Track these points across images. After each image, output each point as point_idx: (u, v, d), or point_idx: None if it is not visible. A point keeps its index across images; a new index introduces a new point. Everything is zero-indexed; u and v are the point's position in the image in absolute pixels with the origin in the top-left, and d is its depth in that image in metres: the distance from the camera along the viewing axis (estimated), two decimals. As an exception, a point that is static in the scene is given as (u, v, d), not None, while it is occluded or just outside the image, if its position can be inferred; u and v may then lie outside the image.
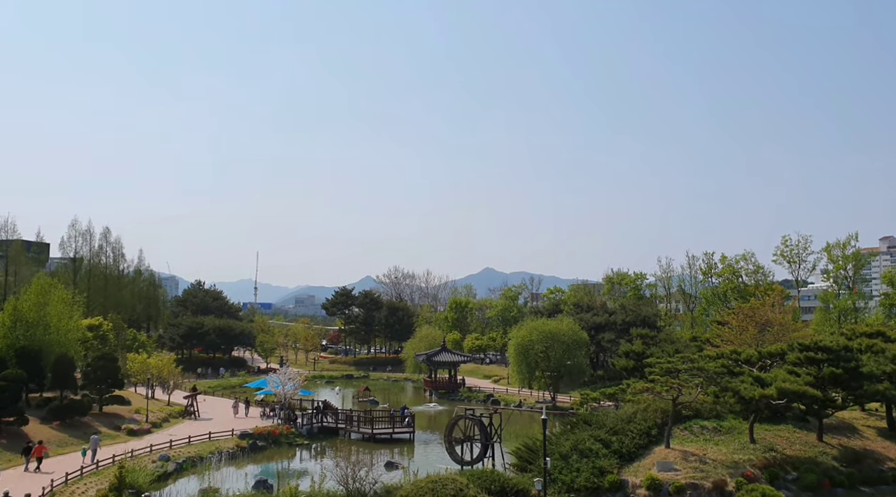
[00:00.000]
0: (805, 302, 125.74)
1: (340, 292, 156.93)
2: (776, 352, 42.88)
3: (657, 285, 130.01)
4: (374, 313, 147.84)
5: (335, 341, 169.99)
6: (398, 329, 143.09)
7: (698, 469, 32.75)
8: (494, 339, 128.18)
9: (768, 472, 33.18)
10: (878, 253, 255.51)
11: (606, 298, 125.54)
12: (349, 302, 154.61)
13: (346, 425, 58.03)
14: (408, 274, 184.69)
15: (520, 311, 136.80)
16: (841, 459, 36.02)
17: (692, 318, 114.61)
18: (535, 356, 79.28)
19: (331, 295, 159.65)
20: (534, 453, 36.62)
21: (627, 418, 39.00)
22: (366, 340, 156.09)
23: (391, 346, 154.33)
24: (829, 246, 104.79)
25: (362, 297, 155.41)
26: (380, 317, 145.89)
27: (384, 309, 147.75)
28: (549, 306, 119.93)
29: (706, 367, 38.52)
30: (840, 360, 38.96)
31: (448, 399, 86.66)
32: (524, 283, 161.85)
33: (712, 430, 38.59)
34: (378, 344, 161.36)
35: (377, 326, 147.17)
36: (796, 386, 36.19)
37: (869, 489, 34.13)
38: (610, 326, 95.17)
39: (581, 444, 36.05)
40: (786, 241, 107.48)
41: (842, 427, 41.24)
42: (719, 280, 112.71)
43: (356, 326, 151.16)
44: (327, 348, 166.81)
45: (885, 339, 44.98)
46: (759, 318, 62.60)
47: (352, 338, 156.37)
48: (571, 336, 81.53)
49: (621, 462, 34.82)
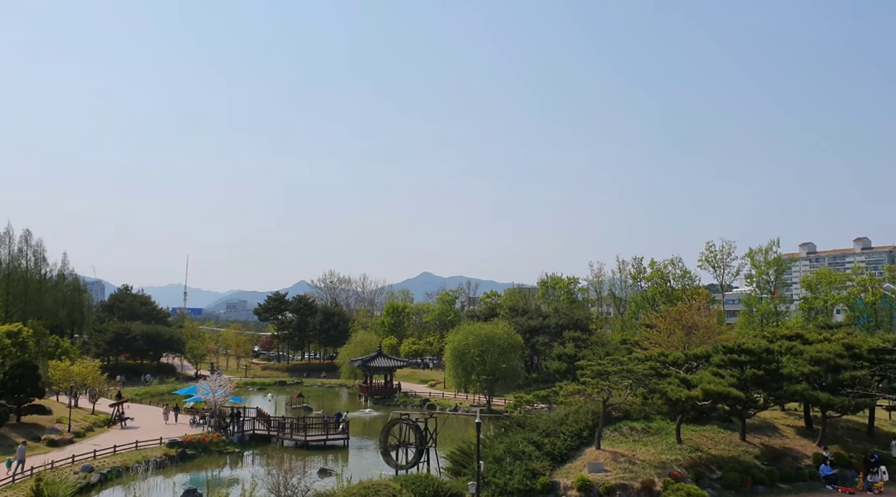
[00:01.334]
0: (729, 305, 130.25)
1: (274, 297, 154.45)
2: (702, 354, 44.21)
3: (589, 289, 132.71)
4: (308, 318, 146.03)
5: (268, 347, 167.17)
6: (333, 334, 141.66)
7: (628, 469, 33.47)
8: (431, 343, 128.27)
9: (694, 472, 34.16)
10: (797, 258, 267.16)
11: (541, 302, 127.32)
12: (282, 307, 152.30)
13: (279, 432, 57.07)
14: (343, 278, 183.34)
15: (457, 316, 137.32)
16: (762, 458, 37.37)
17: (622, 322, 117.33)
18: (472, 360, 79.72)
19: (264, 300, 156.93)
20: (468, 457, 36.79)
21: (560, 420, 39.56)
22: (300, 346, 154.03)
23: (326, 351, 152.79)
24: (751, 252, 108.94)
25: (296, 301, 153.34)
26: (314, 322, 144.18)
27: (319, 314, 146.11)
28: (485, 310, 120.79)
29: (635, 369, 39.45)
30: (762, 362, 40.48)
31: (384, 404, 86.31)
32: (461, 288, 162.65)
33: (641, 431, 39.52)
34: (312, 350, 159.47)
35: (311, 332, 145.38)
36: (720, 387, 37.37)
37: (787, 485, 35.50)
38: (544, 330, 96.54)
39: (514, 446, 36.39)
40: (710, 247, 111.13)
41: (763, 426, 42.81)
42: (648, 284, 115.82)
43: (290, 332, 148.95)
44: (260, 354, 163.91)
45: (803, 342, 46.93)
46: (686, 322, 64.47)
47: (285, 343, 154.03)
48: (507, 340, 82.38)
49: (553, 464, 35.28)
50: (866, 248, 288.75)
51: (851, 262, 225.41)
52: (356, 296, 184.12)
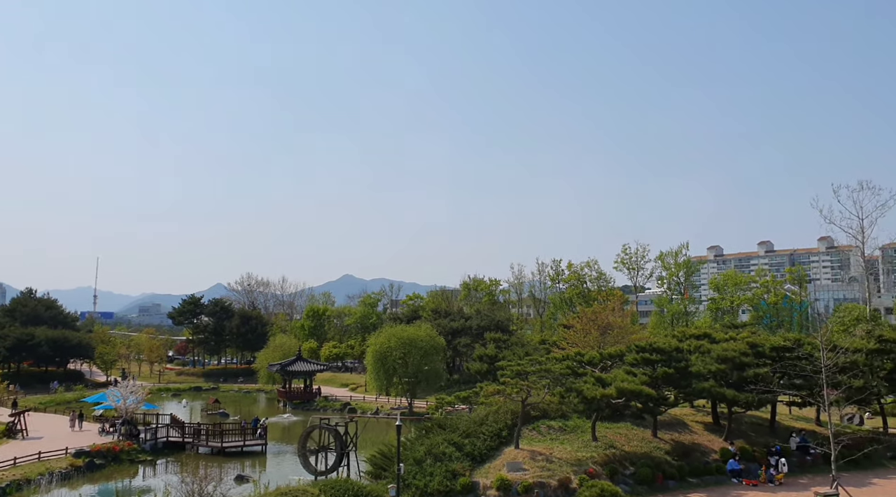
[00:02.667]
0: (642, 306, 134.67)
1: (189, 300, 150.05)
2: (616, 353, 45.53)
3: (511, 291, 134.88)
4: (224, 322, 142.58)
5: (183, 352, 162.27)
6: (251, 338, 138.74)
7: (545, 468, 34.13)
8: (353, 346, 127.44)
9: (609, 468, 35.14)
10: (706, 261, 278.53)
11: (463, 304, 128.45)
12: (198, 310, 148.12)
13: (194, 439, 55.44)
14: (262, 281, 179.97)
15: (379, 318, 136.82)
16: (672, 453, 38.77)
17: (542, 322, 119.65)
18: (393, 363, 79.59)
19: (178, 303, 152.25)
20: (388, 460, 36.71)
21: (480, 421, 39.96)
22: (216, 351, 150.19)
23: (243, 356, 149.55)
24: (663, 254, 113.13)
25: (212, 305, 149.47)
26: (231, 326, 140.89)
27: (236, 318, 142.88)
28: (408, 313, 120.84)
29: (553, 368, 40.29)
30: (672, 361, 42.02)
31: (303, 409, 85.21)
32: (384, 290, 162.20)
33: (558, 429, 40.38)
34: (229, 354, 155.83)
35: (228, 336, 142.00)
36: (634, 385, 38.57)
37: (696, 480, 36.97)
38: (466, 331, 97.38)
39: (435, 448, 36.53)
40: (626, 250, 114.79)
41: (674, 423, 44.43)
42: (566, 286, 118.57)
43: (206, 336, 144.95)
44: (174, 359, 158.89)
45: (711, 341, 48.94)
46: (601, 322, 66.32)
47: (201, 348, 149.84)
48: (429, 342, 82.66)
49: (473, 464, 35.60)
50: (769, 251, 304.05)
51: (756, 264, 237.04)
52: (275, 299, 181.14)
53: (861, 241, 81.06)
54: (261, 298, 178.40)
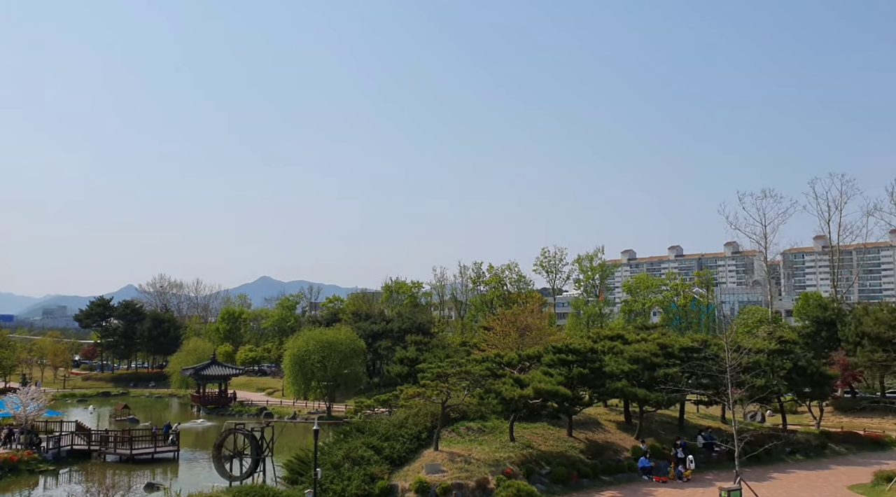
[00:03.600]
0: (560, 308, 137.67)
1: (97, 303, 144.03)
2: (534, 354, 46.35)
3: (432, 293, 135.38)
4: (135, 325, 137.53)
5: (90, 356, 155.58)
6: (163, 342, 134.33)
7: (464, 469, 34.35)
8: (270, 350, 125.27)
9: (525, 468, 35.69)
10: (620, 264, 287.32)
11: (385, 306, 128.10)
12: (107, 313, 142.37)
13: (101, 447, 53.14)
14: (175, 283, 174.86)
15: (297, 321, 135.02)
16: (587, 452, 39.73)
17: (462, 324, 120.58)
18: (312, 366, 78.62)
19: (86, 305, 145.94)
20: (306, 465, 36.16)
21: (399, 424, 39.87)
22: (126, 355, 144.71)
23: (155, 360, 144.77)
24: (580, 258, 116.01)
25: (122, 307, 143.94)
26: (142, 329, 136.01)
27: (148, 320, 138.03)
28: (327, 315, 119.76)
29: (473, 370, 40.61)
30: (587, 361, 43.11)
31: (218, 414, 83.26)
32: (302, 293, 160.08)
33: (477, 430, 40.74)
34: (140, 358, 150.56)
35: (139, 339, 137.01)
36: (550, 386, 39.34)
37: (609, 477, 38.00)
38: (387, 334, 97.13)
39: (353, 452, 36.23)
40: (545, 253, 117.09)
41: (588, 422, 45.55)
42: (487, 288, 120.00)
43: (115, 340, 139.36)
44: (81, 364, 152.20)
45: (623, 342, 50.49)
46: (520, 324, 67.45)
47: (110, 352, 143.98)
48: (349, 345, 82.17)
49: (392, 467, 35.48)
50: (679, 256, 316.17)
51: (666, 268, 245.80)
52: (189, 301, 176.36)
53: (764, 247, 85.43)
54: (174, 301, 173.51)
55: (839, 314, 73.26)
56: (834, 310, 74.80)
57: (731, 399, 34.20)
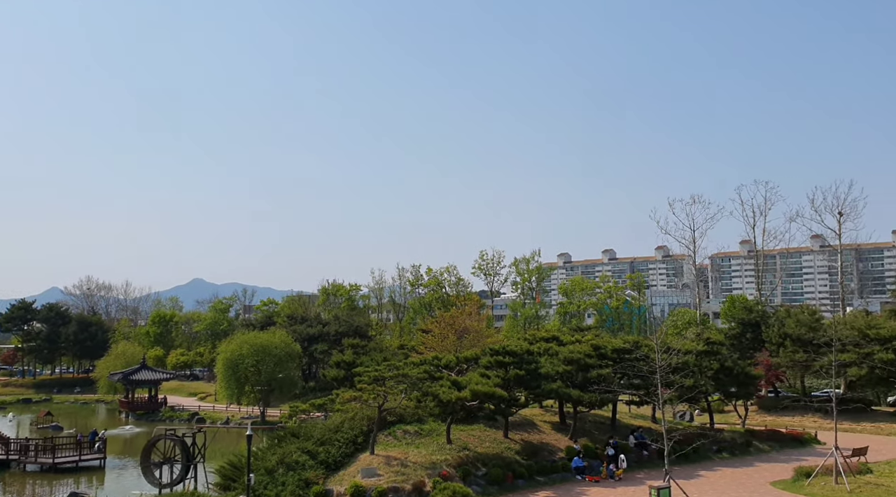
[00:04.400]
0: (498, 310, 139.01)
1: (18, 305, 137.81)
2: (471, 356, 46.61)
3: (371, 296, 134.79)
4: (60, 329, 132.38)
5: (10, 361, 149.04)
6: (90, 346, 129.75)
7: (400, 472, 34.28)
8: (202, 354, 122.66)
9: (462, 470, 35.84)
10: (556, 267, 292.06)
11: (321, 309, 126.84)
12: (29, 316, 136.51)
13: (21, 456, 50.85)
14: (103, 285, 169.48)
15: (231, 325, 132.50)
16: (522, 453, 40.17)
17: (401, 327, 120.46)
18: (246, 370, 77.29)
19: (6, 309, 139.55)
20: (238, 470, 35.48)
21: (335, 428, 39.54)
22: (50, 359, 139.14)
23: (81, 364, 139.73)
24: (517, 261, 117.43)
25: (46, 310, 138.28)
26: (67, 333, 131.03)
27: (73, 324, 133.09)
28: (261, 319, 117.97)
29: (410, 373, 40.58)
30: (523, 363, 43.58)
31: (147, 420, 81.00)
32: (236, 295, 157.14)
33: (414, 433, 40.70)
34: (65, 363, 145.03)
35: (64, 343, 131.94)
36: (487, 388, 39.63)
37: (543, 478, 38.50)
38: (323, 337, 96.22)
39: (288, 457, 35.75)
40: (483, 256, 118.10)
41: (524, 423, 46.06)
42: (426, 291, 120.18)
43: (38, 344, 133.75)
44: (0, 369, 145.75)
45: (559, 343, 51.29)
46: (458, 326, 67.76)
47: (32, 357, 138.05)
48: (284, 348, 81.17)
49: (328, 472, 35.14)
50: (613, 259, 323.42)
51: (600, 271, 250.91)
52: (118, 304, 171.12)
53: (693, 251, 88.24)
54: (102, 303, 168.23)
55: (763, 316, 76.20)
56: (758, 312, 77.73)
57: (661, 399, 35.11)
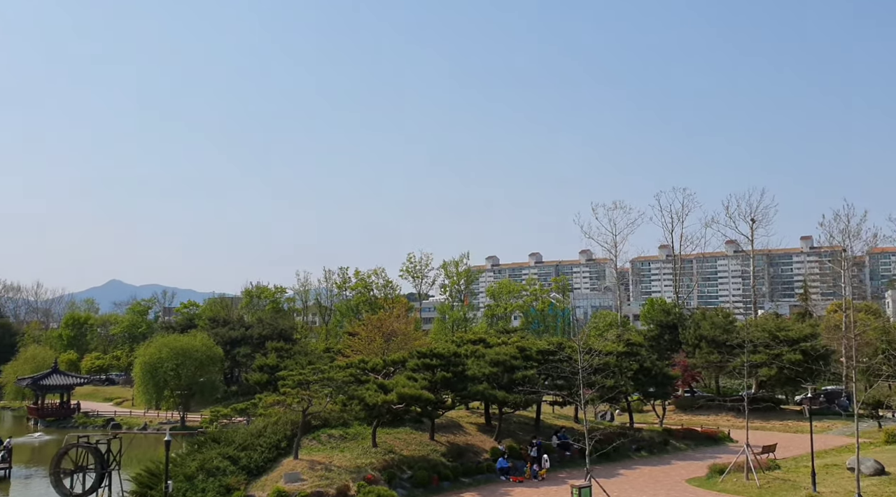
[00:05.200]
0: (426, 313, 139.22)
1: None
2: (398, 359, 46.59)
3: (296, 299, 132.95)
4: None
5: None
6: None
7: (324, 477, 33.93)
8: (119, 357, 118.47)
9: (387, 473, 35.74)
10: (484, 270, 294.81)
11: (245, 312, 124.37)
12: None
13: (-84, 469, 47.89)
14: (11, 286, 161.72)
15: (150, 327, 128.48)
16: (448, 455, 40.36)
17: (327, 330, 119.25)
18: (165, 375, 75.13)
19: None
20: (156, 477, 34.40)
21: (258, 433, 38.86)
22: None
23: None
24: (445, 263, 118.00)
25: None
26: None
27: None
28: (182, 321, 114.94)
29: (336, 377, 40.23)
30: (450, 365, 43.81)
31: (59, 427, 77.57)
32: (155, 297, 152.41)
33: (339, 437, 40.36)
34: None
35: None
36: (414, 390, 39.66)
37: (468, 479, 38.78)
38: (246, 340, 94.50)
39: (208, 463, 34.90)
40: (411, 258, 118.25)
41: (450, 425, 46.30)
42: (353, 293, 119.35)
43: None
44: None
45: (485, 345, 51.76)
46: (386, 329, 67.58)
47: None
48: (205, 352, 79.46)
49: (249, 477, 34.49)
50: (539, 262, 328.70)
51: (527, 274, 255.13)
52: (28, 306, 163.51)
53: (614, 255, 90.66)
54: (10, 305, 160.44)
55: (680, 318, 78.97)
56: (676, 314, 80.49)
57: (583, 399, 35.88)
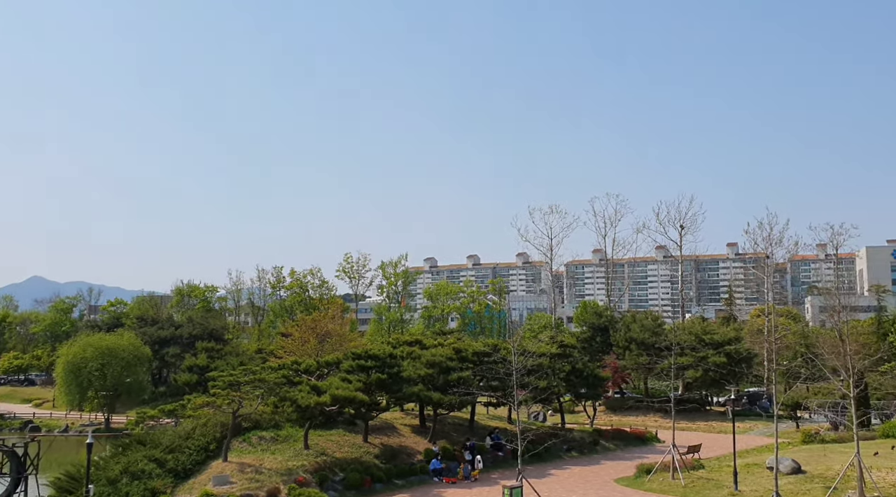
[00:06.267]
0: (362, 314, 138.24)
1: None
2: (333, 361, 46.14)
3: (228, 298, 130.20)
4: None
5: None
6: None
7: (254, 479, 33.35)
8: (40, 357, 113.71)
9: (319, 476, 35.36)
10: (422, 271, 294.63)
11: (175, 311, 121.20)
12: None
13: None
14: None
15: (74, 326, 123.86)
16: (381, 457, 40.19)
17: (259, 331, 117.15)
18: (89, 375, 72.63)
19: None
20: (77, 482, 33.23)
21: (186, 435, 37.95)
22: None
23: None
24: (383, 264, 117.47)
25: None
26: None
27: None
28: (109, 320, 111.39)
29: (268, 378, 39.54)
30: (386, 367, 43.65)
31: (-28, 430, 73.89)
32: (80, 295, 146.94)
33: (270, 439, 39.73)
34: None
35: None
36: (348, 392, 39.35)
37: (401, 481, 38.68)
38: (176, 340, 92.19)
39: (133, 465, 33.88)
40: (348, 259, 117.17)
41: (384, 427, 46.12)
42: (287, 293, 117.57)
43: None
44: None
45: (421, 347, 51.77)
46: (320, 330, 66.85)
47: None
48: (132, 352, 77.24)
49: (177, 480, 33.65)
50: (476, 264, 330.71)
51: (465, 275, 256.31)
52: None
53: (550, 258, 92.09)
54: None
55: (612, 321, 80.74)
56: (607, 317, 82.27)
57: (516, 400, 36.27)
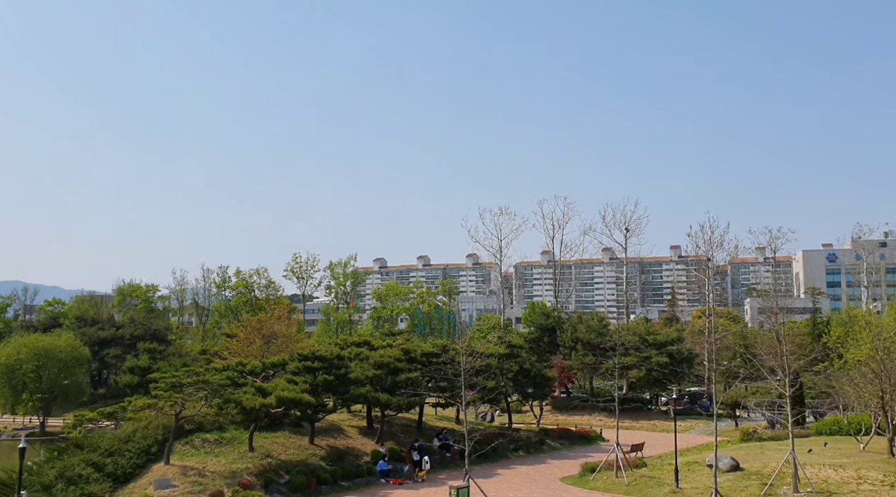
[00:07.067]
0: (310, 315, 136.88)
1: None
2: (279, 362, 45.56)
3: (171, 298, 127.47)
4: None
5: None
6: None
7: (197, 482, 32.72)
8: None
9: (263, 478, 34.89)
10: (371, 272, 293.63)
11: (116, 311, 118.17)
12: None
13: None
14: None
15: (8, 326, 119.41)
16: (328, 458, 39.88)
17: (204, 331, 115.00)
18: (24, 377, 70.29)
19: None
20: (8, 488, 32.04)
21: (126, 438, 37.05)
22: None
23: None
24: (332, 265, 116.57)
25: None
26: None
27: None
28: (45, 320, 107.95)
29: (211, 379, 38.82)
30: (333, 368, 43.34)
31: None
32: (15, 294, 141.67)
33: (214, 442, 39.04)
34: None
35: None
36: (294, 394, 38.91)
37: (348, 483, 38.42)
38: (117, 341, 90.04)
39: (69, 470, 32.88)
40: (296, 259, 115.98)
41: (331, 429, 45.77)
42: (233, 294, 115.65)
43: None
44: None
45: (370, 348, 51.54)
46: (266, 331, 65.96)
47: None
48: (70, 353, 75.01)
49: (116, 485, 32.83)
50: (426, 265, 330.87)
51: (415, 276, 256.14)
52: None
53: (499, 259, 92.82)
54: None
55: (559, 322, 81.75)
56: (555, 318, 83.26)
57: (464, 401, 36.40)
